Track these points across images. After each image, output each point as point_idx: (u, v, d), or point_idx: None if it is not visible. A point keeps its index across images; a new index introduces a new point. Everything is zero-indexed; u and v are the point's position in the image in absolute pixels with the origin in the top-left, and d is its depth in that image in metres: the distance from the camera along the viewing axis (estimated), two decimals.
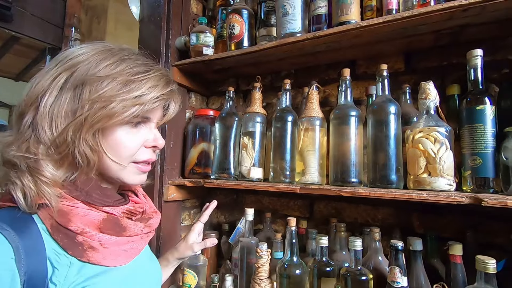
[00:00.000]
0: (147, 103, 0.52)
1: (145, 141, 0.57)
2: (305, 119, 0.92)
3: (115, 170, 0.55)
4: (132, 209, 0.58)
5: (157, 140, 0.59)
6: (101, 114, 0.49)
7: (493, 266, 0.63)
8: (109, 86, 0.50)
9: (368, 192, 0.76)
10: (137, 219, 0.59)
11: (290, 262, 0.86)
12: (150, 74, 0.54)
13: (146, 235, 0.59)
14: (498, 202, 0.62)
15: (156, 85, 0.54)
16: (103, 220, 0.52)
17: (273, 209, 1.18)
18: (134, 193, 0.66)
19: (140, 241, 0.58)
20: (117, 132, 0.53)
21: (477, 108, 0.70)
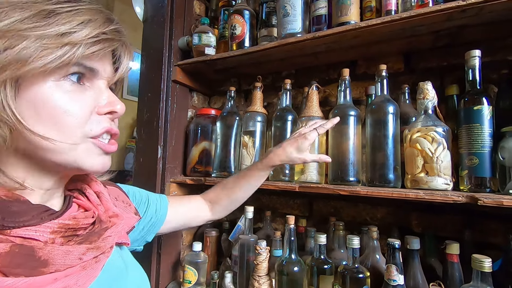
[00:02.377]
0: (81, 45, 0.36)
1: (97, 105, 0.41)
2: (305, 119, 0.93)
3: (61, 152, 0.38)
4: (70, 224, 0.39)
5: (113, 102, 0.42)
6: (7, 58, 0.33)
7: (489, 265, 0.64)
8: (17, 17, 0.34)
9: (366, 191, 0.77)
10: (83, 237, 0.40)
11: (288, 260, 0.87)
12: (81, 5, 0.38)
13: (94, 260, 0.39)
14: (494, 202, 0.63)
15: (90, 19, 0.38)
16: (6, 254, 0.33)
17: (273, 207, 1.19)
18: (83, 193, 0.47)
19: (81, 273, 0.37)
20: (45, 90, 0.36)
21: (475, 108, 0.71)
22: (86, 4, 0.39)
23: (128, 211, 0.57)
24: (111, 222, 0.45)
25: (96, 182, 0.50)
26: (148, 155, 1.14)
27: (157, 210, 0.70)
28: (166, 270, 1.12)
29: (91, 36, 0.37)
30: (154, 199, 0.71)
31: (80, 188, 0.47)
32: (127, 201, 0.60)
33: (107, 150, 0.42)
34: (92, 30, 0.37)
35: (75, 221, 0.40)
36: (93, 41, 0.37)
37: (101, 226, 0.43)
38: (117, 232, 0.45)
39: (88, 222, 0.42)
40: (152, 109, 1.15)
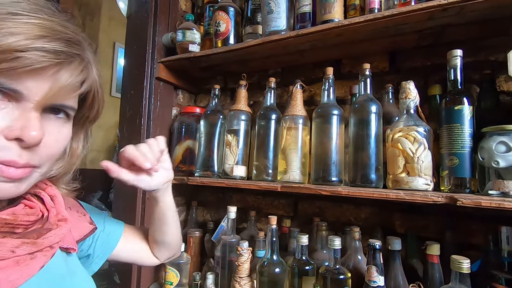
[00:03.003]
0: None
1: (7, 128, 0.35)
2: (288, 118, 0.92)
3: None
4: (8, 219, 0.38)
5: (26, 128, 0.35)
6: None
7: (467, 266, 0.63)
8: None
9: (347, 191, 0.76)
10: (21, 234, 0.39)
11: (269, 261, 0.85)
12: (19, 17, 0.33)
13: (29, 256, 0.38)
14: (473, 202, 0.62)
15: (23, 31, 0.33)
16: None
17: (258, 207, 1.17)
18: (37, 196, 0.46)
19: (14, 268, 0.36)
20: None
21: (455, 108, 0.70)
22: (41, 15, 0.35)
23: (82, 220, 0.56)
24: (58, 225, 0.44)
25: (52, 187, 0.49)
26: None
27: (109, 234, 0.63)
28: (148, 271, 1.10)
29: (16, 48, 0.32)
30: (110, 223, 0.65)
31: (34, 192, 0.46)
32: (82, 211, 0.58)
33: (7, 177, 0.36)
34: (20, 40, 0.32)
35: (13, 217, 0.39)
36: (18, 53, 0.32)
37: (44, 226, 0.42)
38: (60, 234, 0.43)
39: (29, 219, 0.40)
40: (135, 106, 1.12)
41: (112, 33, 2.71)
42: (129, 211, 1.08)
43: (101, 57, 2.60)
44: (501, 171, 0.64)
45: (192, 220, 1.23)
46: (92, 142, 0.55)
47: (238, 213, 1.22)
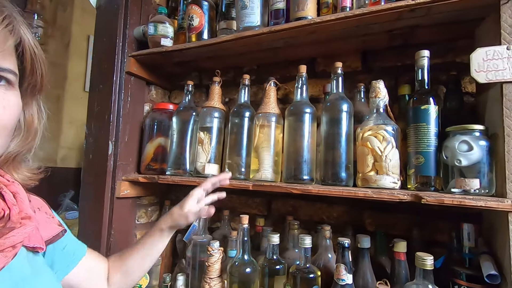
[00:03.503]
0: None
1: None
2: (261, 115, 0.91)
3: None
4: None
5: None
6: None
7: (431, 262, 0.64)
8: None
9: (317, 190, 0.75)
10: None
11: (240, 261, 0.84)
12: None
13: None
14: (436, 200, 0.63)
15: None
16: None
17: (232, 207, 1.16)
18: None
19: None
20: None
21: (422, 108, 0.71)
22: None
23: (51, 222, 0.53)
24: (21, 223, 0.42)
25: (14, 183, 0.46)
26: (99, 151, 1.06)
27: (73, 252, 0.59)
28: None
29: None
30: (74, 240, 0.62)
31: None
32: (50, 213, 0.55)
33: None
34: None
35: None
36: None
37: (6, 225, 0.40)
38: (23, 233, 0.41)
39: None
40: (104, 101, 1.07)
41: (86, 26, 2.59)
42: (96, 212, 1.04)
43: (74, 50, 2.49)
44: (463, 169, 0.66)
45: None
46: (63, 138, 0.53)
47: (215, 214, 1.20)
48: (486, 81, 0.62)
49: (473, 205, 0.60)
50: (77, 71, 2.52)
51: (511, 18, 0.62)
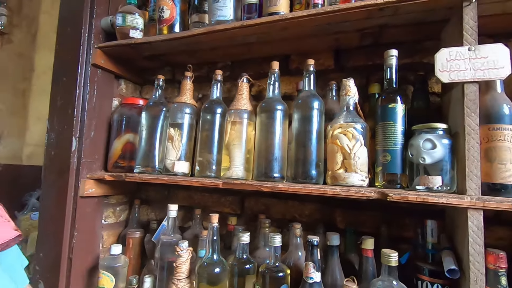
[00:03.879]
0: None
1: None
2: (233, 112, 0.89)
3: None
4: None
5: None
6: None
7: (395, 259, 0.65)
8: None
9: (287, 187, 0.74)
10: None
11: (209, 261, 0.82)
12: None
13: None
14: (401, 197, 0.64)
15: None
16: None
17: (204, 205, 1.13)
18: None
19: None
20: None
21: (389, 106, 0.72)
22: None
23: (6, 225, 0.51)
24: None
25: None
26: (61, 148, 1.00)
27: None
28: (79, 278, 1.00)
29: None
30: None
31: None
32: (6, 216, 0.52)
33: None
34: None
35: None
36: None
37: None
38: None
39: None
40: (67, 95, 1.01)
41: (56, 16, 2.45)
42: (58, 212, 0.98)
43: (42, 41, 2.35)
44: (427, 167, 0.67)
45: (134, 219, 1.15)
46: (30, 135, 0.49)
47: (184, 211, 1.17)
48: (449, 80, 0.64)
49: (435, 202, 0.62)
50: (45, 64, 2.37)
51: (473, 20, 0.64)
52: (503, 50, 0.61)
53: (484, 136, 0.63)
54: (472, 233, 0.60)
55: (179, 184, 0.89)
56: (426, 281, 0.68)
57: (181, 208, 1.18)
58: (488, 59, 0.62)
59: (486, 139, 0.63)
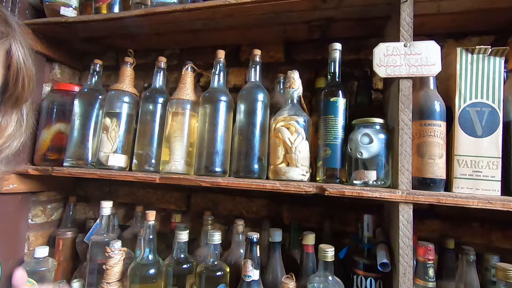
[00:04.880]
0: None
1: None
2: (175, 102, 0.83)
3: None
4: None
5: None
6: None
7: (331, 254, 0.65)
8: None
9: (227, 182, 0.71)
10: None
11: (144, 261, 0.76)
12: None
13: None
14: (338, 192, 0.63)
15: None
16: None
17: (148, 202, 1.06)
18: None
19: None
20: None
21: (331, 100, 0.71)
22: None
23: None
24: None
25: None
26: None
27: None
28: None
29: None
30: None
31: None
32: None
33: None
34: None
35: None
36: None
37: None
38: None
39: None
40: None
41: None
42: None
43: None
44: (366, 162, 0.67)
45: (69, 218, 1.04)
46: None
47: (126, 209, 1.09)
48: (386, 75, 0.64)
49: (369, 196, 0.62)
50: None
51: (409, 17, 0.64)
52: (435, 48, 0.62)
53: (417, 132, 0.64)
54: (402, 227, 0.60)
55: (120, 180, 0.81)
56: (360, 275, 0.68)
57: (123, 206, 1.10)
58: (422, 56, 0.63)
59: (418, 135, 0.64)
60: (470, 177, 0.62)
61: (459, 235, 0.79)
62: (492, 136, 0.61)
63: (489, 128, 0.62)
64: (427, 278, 0.62)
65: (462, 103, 0.63)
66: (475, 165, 0.62)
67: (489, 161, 0.61)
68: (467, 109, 0.63)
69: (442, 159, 0.62)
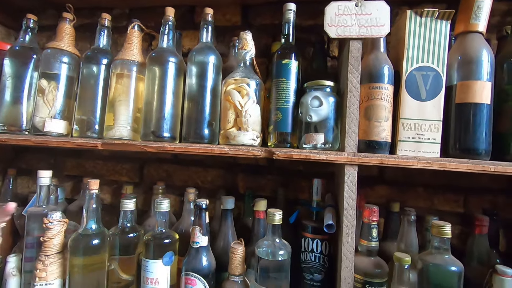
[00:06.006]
0: None
1: None
2: (119, 63, 0.76)
3: None
4: None
5: None
6: None
7: (279, 218, 0.64)
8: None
9: (173, 147, 0.67)
10: None
11: (86, 232, 0.71)
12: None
13: None
14: (286, 155, 0.62)
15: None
16: None
17: (98, 174, 1.00)
18: None
19: None
20: None
21: (283, 62, 0.69)
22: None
23: None
24: None
25: None
26: None
27: None
28: None
29: None
30: None
31: None
32: None
33: None
34: None
35: None
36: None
37: None
38: None
39: None
40: None
41: None
42: None
43: None
44: (317, 126, 0.66)
45: (8, 192, 0.96)
46: None
47: (74, 182, 1.02)
48: (336, 35, 0.62)
49: (317, 159, 0.61)
50: None
51: None
52: (385, 8, 0.61)
53: (365, 95, 0.64)
54: (347, 188, 0.61)
55: (64, 151, 0.75)
56: (308, 237, 0.69)
57: (70, 179, 1.03)
58: (372, 16, 0.61)
59: (366, 98, 0.63)
60: (413, 139, 0.63)
61: (405, 199, 0.83)
62: (435, 99, 0.63)
63: (433, 92, 0.63)
64: (370, 238, 0.64)
65: (409, 67, 0.64)
66: (418, 128, 0.63)
67: (431, 124, 0.63)
68: (413, 72, 0.63)
69: (388, 122, 0.63)
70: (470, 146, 0.60)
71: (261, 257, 0.63)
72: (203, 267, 0.66)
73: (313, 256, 0.68)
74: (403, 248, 0.70)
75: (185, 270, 0.66)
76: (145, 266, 0.68)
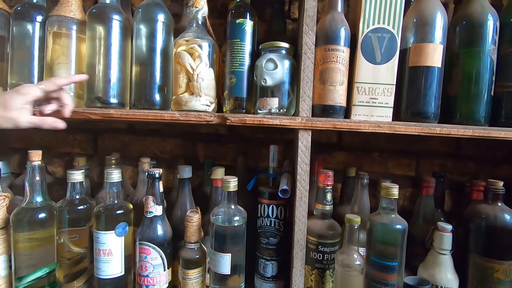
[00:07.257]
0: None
1: None
2: (55, 19, 0.68)
3: None
4: None
5: None
6: None
7: (234, 184, 0.63)
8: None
9: (120, 113, 0.63)
10: None
11: (29, 205, 0.67)
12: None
13: None
14: (239, 120, 0.60)
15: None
16: None
17: (47, 146, 0.93)
18: None
19: None
20: None
21: (237, 22, 0.64)
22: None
23: None
24: None
25: None
26: None
27: None
28: None
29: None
30: None
31: None
32: None
33: None
34: None
35: None
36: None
37: None
38: None
39: None
40: None
41: None
42: None
43: None
44: (274, 90, 0.64)
45: None
46: None
47: (22, 155, 0.95)
48: None
49: (270, 124, 0.60)
50: None
51: None
52: None
53: (321, 58, 0.61)
54: (300, 153, 0.61)
55: None
56: (264, 203, 0.70)
57: (17, 152, 0.95)
58: None
59: (322, 61, 0.61)
60: (367, 104, 0.63)
61: (361, 164, 0.85)
62: (389, 63, 0.62)
63: (387, 55, 0.62)
64: (325, 202, 0.65)
65: (365, 28, 0.62)
66: (372, 92, 0.63)
67: (385, 88, 0.62)
68: (369, 34, 0.62)
69: (343, 86, 0.62)
70: (420, 109, 0.61)
71: (216, 224, 0.63)
72: (157, 236, 0.64)
73: (268, 221, 0.69)
74: (356, 211, 0.72)
75: (139, 240, 0.65)
76: (97, 238, 0.65)
